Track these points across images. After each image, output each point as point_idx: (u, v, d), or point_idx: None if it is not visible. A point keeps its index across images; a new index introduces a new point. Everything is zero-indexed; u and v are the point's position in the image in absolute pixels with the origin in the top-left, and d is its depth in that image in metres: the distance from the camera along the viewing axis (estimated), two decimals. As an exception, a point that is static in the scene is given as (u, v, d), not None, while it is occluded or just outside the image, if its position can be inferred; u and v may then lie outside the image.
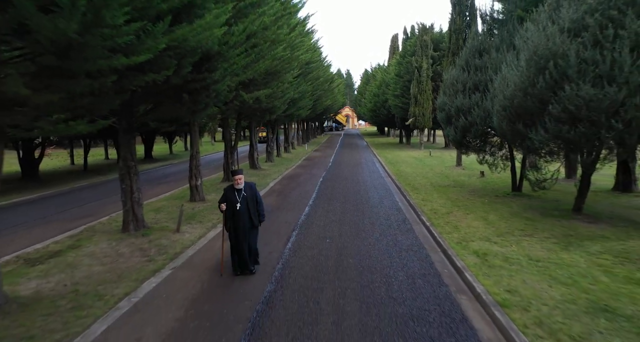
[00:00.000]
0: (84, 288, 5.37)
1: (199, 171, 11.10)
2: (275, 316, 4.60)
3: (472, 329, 4.32)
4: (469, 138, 11.24)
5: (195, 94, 6.78)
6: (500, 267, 5.89)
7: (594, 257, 6.16)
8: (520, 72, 7.80)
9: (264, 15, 7.71)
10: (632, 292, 4.88)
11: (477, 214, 9.18)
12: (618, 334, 3.96)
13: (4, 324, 4.36)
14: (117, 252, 6.85)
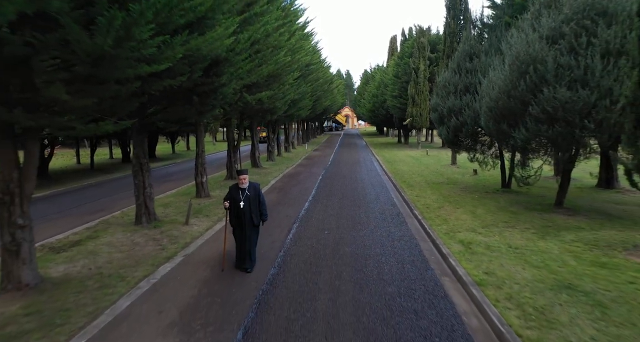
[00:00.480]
0: (106, 271, 6.00)
1: (204, 168, 11.72)
2: (278, 294, 5.21)
3: (451, 303, 4.94)
4: (460, 137, 11.87)
5: (204, 97, 7.41)
6: (481, 254, 6.51)
7: (566, 245, 6.79)
8: (504, 75, 8.42)
9: (267, 23, 8.34)
10: (595, 273, 5.50)
11: (466, 209, 9.80)
12: (575, 306, 4.57)
13: (41, 299, 4.98)
14: (132, 242, 7.48)
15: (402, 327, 4.32)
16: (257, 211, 6.03)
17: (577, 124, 7.22)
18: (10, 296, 4.98)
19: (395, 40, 47.67)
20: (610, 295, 4.83)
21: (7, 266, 5.10)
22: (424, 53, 27.18)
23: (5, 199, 4.99)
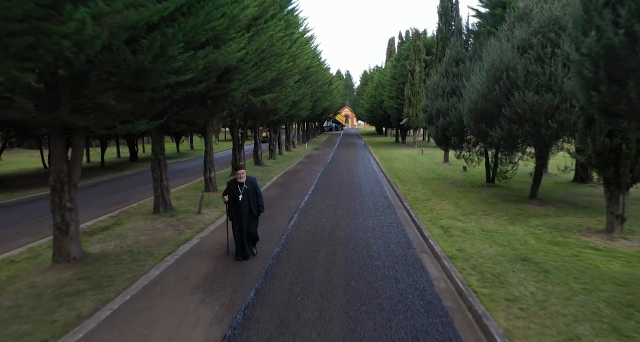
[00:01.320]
0: (136, 249, 7.04)
1: (212, 165, 12.76)
2: (282, 266, 6.25)
3: (425, 272, 5.98)
4: (448, 136, 12.90)
5: (217, 100, 8.44)
6: (457, 236, 7.55)
7: (531, 228, 7.83)
8: (482, 80, 9.45)
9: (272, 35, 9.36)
10: (548, 249, 6.54)
11: (451, 200, 10.84)
12: (524, 272, 5.61)
13: (87, 269, 6.02)
14: (153, 227, 8.52)
15: (383, 288, 5.36)
16: (255, 203, 6.48)
17: (542, 123, 8.26)
18: (62, 266, 6.03)
19: (393, 42, 48.74)
20: (555, 264, 5.87)
21: (58, 242, 6.15)
22: (420, 55, 28.23)
23: (57, 187, 6.03)
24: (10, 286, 5.42)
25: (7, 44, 3.01)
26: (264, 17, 9.16)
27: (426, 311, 4.70)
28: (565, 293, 4.91)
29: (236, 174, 6.47)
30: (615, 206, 6.84)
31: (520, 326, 4.18)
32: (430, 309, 4.75)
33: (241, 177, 6.40)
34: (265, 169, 19.08)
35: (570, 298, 4.77)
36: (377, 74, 45.11)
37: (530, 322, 4.24)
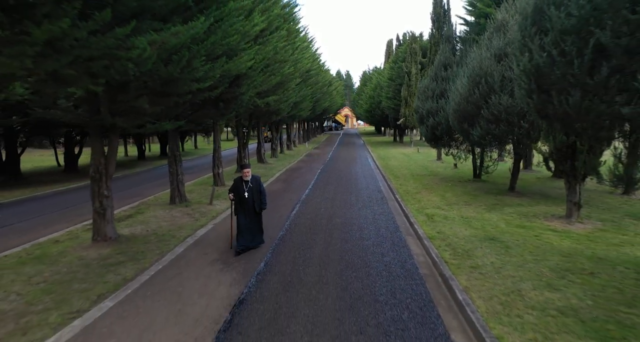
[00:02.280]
0: (159, 232, 8.14)
1: (220, 161, 13.87)
2: (286, 245, 7.34)
3: (408, 249, 7.07)
4: (437, 135, 14.00)
5: (227, 102, 9.52)
6: (439, 222, 8.64)
7: (504, 215, 8.93)
8: (464, 84, 10.54)
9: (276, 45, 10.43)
10: (514, 231, 7.63)
11: (438, 193, 11.93)
12: (490, 248, 6.70)
13: (122, 246, 7.12)
14: (172, 215, 9.62)
15: (371, 261, 6.45)
16: (258, 200, 6.87)
17: (516, 123, 9.35)
18: (101, 244, 7.13)
19: (391, 44, 49.83)
20: (517, 242, 6.96)
21: (96, 224, 7.25)
22: (416, 58, 29.31)
23: (96, 177, 7.13)
24: (63, 258, 6.52)
25: (89, 66, 4.07)
26: (269, 29, 10.24)
27: (405, 276, 5.80)
28: (518, 262, 6.00)
29: (242, 172, 6.84)
30: (573, 195, 7.93)
31: (476, 284, 5.27)
32: (408, 275, 5.84)
33: (247, 176, 6.78)
34: (268, 167, 20.18)
35: (522, 266, 5.86)
36: (376, 75, 46.23)
37: (485, 281, 5.34)
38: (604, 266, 5.76)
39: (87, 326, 4.35)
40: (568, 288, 5.04)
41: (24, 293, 5.16)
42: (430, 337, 4.11)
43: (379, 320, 4.46)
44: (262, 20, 8.20)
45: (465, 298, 4.85)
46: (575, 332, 3.97)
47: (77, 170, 19.29)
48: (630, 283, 5.13)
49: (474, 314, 4.44)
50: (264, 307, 4.80)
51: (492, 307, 4.59)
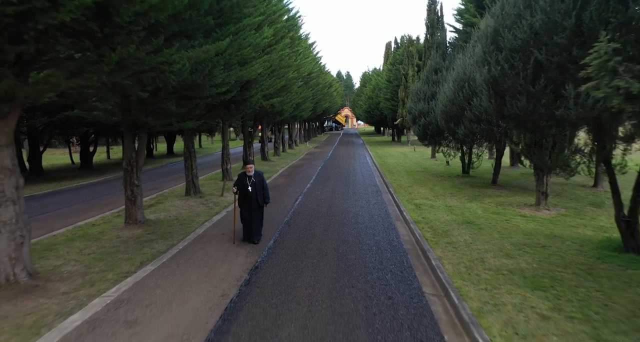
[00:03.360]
0: (180, 218, 9.33)
1: (228, 158, 15.05)
2: (291, 227, 8.51)
3: (396, 231, 8.24)
4: (428, 133, 15.18)
5: (238, 104, 10.70)
6: (425, 210, 9.81)
7: (483, 204, 10.10)
8: (450, 88, 11.71)
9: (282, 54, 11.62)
10: (488, 217, 8.81)
11: (428, 187, 13.11)
12: (465, 229, 7.87)
13: (151, 228, 8.30)
14: (189, 205, 10.81)
15: (363, 238, 7.62)
16: (261, 194, 7.19)
17: (494, 123, 10.52)
18: (133, 226, 8.32)
19: (390, 47, 50.93)
20: (489, 225, 8.14)
21: (128, 209, 8.43)
22: (413, 60, 30.47)
23: (128, 169, 8.32)
24: (103, 237, 7.71)
25: (141, 78, 5.23)
26: (275, 38, 11.41)
27: (391, 250, 6.98)
28: (486, 239, 7.18)
29: (245, 168, 7.22)
30: (541, 185, 9.11)
31: (448, 254, 6.45)
32: (394, 249, 7.02)
33: (250, 171, 7.14)
34: (271, 164, 21.37)
35: (489, 241, 7.04)
36: (375, 77, 47.43)
37: (456, 252, 6.52)
38: (556, 241, 6.94)
39: (137, 282, 5.54)
40: (521, 256, 6.22)
41: (81, 260, 6.34)
42: (406, 289, 5.29)
43: (367, 279, 5.63)
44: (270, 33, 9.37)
45: (437, 264, 6.03)
46: (517, 284, 5.15)
47: (92, 167, 20.48)
48: (572, 253, 6.31)
49: (443, 274, 5.62)
50: (275, 270, 5.98)
51: (458, 270, 5.77)
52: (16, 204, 5.17)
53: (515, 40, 6.03)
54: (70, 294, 5.07)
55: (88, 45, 4.39)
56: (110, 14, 4.06)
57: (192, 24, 5.66)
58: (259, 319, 4.44)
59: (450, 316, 4.60)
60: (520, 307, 4.50)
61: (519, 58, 6.02)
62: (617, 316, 4.23)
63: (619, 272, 5.42)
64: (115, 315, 4.56)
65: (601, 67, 3.83)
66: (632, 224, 5.91)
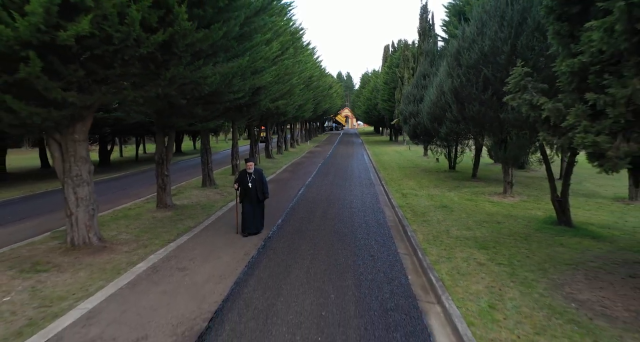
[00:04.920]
0: (201, 203, 10.98)
1: (238, 155, 16.71)
2: (296, 211, 10.15)
3: (383, 213, 9.88)
4: (417, 132, 16.83)
5: (249, 107, 12.35)
6: (409, 197, 11.45)
7: (460, 193, 11.75)
8: (434, 92, 13.35)
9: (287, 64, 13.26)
10: (462, 203, 10.46)
11: (416, 180, 14.76)
12: (439, 211, 9.52)
13: (178, 211, 9.96)
14: (206, 194, 12.47)
15: (355, 218, 9.26)
16: (261, 190, 7.72)
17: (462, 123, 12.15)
18: (163, 210, 9.97)
19: (388, 49, 52.55)
20: (460, 208, 9.79)
21: (159, 195, 10.09)
22: (408, 64, 32.10)
23: (160, 161, 9.98)
24: (141, 217, 9.37)
25: (183, 89, 6.86)
26: (281, 50, 13.05)
27: (377, 226, 8.62)
28: (455, 218, 8.83)
29: (246, 165, 7.75)
30: (507, 176, 10.75)
31: (422, 228, 8.08)
32: (379, 226, 8.66)
33: (250, 168, 7.67)
34: (275, 161, 23.03)
35: (456, 220, 8.69)
36: (373, 78, 49.07)
37: (428, 227, 8.16)
38: (510, 219, 8.59)
39: (179, 246, 7.19)
40: (478, 229, 7.87)
41: (130, 232, 8.00)
42: (385, 250, 6.93)
43: (356, 244, 7.27)
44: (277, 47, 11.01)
45: (412, 234, 7.67)
46: (468, 246, 6.80)
47: (109, 164, 22.15)
48: (519, 227, 7.96)
49: (414, 240, 7.26)
50: (284, 239, 7.63)
51: (427, 238, 7.41)
52: (89, 185, 6.83)
53: (470, 59, 7.66)
54: (132, 252, 6.73)
55: (152, 67, 6.04)
56: (170, 46, 5.70)
57: (221, 48, 7.30)
58: (274, 267, 6.09)
59: (415, 265, 6.26)
60: (466, 259, 6.15)
61: (473, 73, 7.65)
62: (531, 263, 5.88)
63: (547, 238, 7.07)
64: (169, 264, 6.22)
65: (516, 85, 5.48)
66: (564, 203, 7.56)
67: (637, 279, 5.14)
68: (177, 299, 4.97)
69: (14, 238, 7.80)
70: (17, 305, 4.73)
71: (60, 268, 5.92)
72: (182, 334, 4.11)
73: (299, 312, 4.56)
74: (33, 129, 6.06)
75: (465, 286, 5.17)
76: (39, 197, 13.08)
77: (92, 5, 4.37)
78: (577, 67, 4.39)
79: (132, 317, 4.49)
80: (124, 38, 4.95)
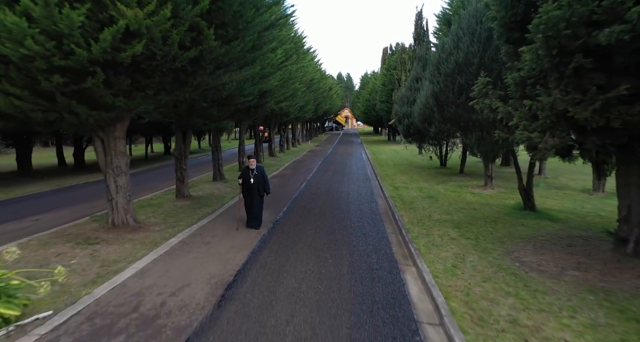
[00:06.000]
0: (214, 195, 12.29)
1: (244, 152, 18.02)
2: (299, 201, 11.45)
3: (376, 202, 11.18)
4: (410, 132, 18.13)
5: (256, 108, 13.67)
6: (400, 190, 12.75)
7: (446, 186, 13.05)
8: (423, 95, 14.65)
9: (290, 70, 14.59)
10: (446, 194, 11.76)
11: (408, 175, 16.07)
12: (426, 201, 10.82)
13: (195, 201, 11.26)
14: (217, 187, 13.77)
15: (351, 206, 10.56)
16: (262, 186, 8.23)
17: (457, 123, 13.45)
18: (182, 199, 11.27)
19: (387, 52, 53.87)
20: (444, 198, 11.09)
21: (178, 187, 11.40)
22: (405, 66, 33.38)
23: (179, 157, 11.28)
24: (164, 205, 10.67)
25: (205, 94, 8.17)
26: (286, 56, 14.36)
27: (370, 212, 9.92)
28: (438, 206, 10.13)
29: (248, 161, 8.36)
30: (487, 171, 12.05)
31: (409, 214, 9.38)
32: (372, 212, 9.96)
33: (252, 165, 8.17)
34: (277, 159, 24.34)
35: (439, 207, 9.99)
36: (372, 80, 50.41)
37: (414, 213, 9.45)
38: (485, 207, 9.89)
39: (201, 226, 8.49)
40: (456, 214, 9.17)
41: (157, 217, 9.31)
42: (375, 230, 8.23)
43: (352, 226, 8.57)
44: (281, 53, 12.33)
45: (399, 218, 8.97)
46: (445, 226, 8.10)
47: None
48: (492, 212, 9.27)
49: (401, 222, 8.56)
50: (290, 222, 8.93)
51: (411, 221, 8.71)
52: (126, 175, 8.14)
53: (448, 69, 8.94)
54: (163, 231, 8.04)
55: (182, 77, 7.35)
56: (199, 60, 7.00)
57: (237, 59, 8.61)
58: (283, 242, 7.39)
59: (399, 240, 7.57)
60: (441, 235, 7.46)
61: (450, 80, 8.93)
62: (493, 238, 7.19)
63: (512, 220, 8.37)
64: (195, 240, 7.53)
65: (479, 92, 6.78)
66: (528, 191, 8.86)
67: (573, 248, 6.45)
68: (206, 262, 6.28)
69: (60, 222, 9.11)
70: (84, 265, 6.04)
71: (108, 242, 7.23)
72: (215, 284, 5.42)
73: (303, 271, 5.87)
74: (85, 128, 7.35)
75: (436, 253, 6.48)
76: (66, 191, 14.39)
77: (145, 32, 5.68)
78: (519, 80, 5.70)
79: (175, 273, 5.80)
80: (164, 55, 6.26)
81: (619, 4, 4.33)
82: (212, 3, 6.29)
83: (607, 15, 4.44)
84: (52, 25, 5.02)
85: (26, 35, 4.93)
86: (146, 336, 4.07)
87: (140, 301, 4.90)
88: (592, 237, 7.02)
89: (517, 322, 4.17)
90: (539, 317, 4.25)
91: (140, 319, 4.43)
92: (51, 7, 4.86)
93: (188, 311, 4.62)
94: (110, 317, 4.47)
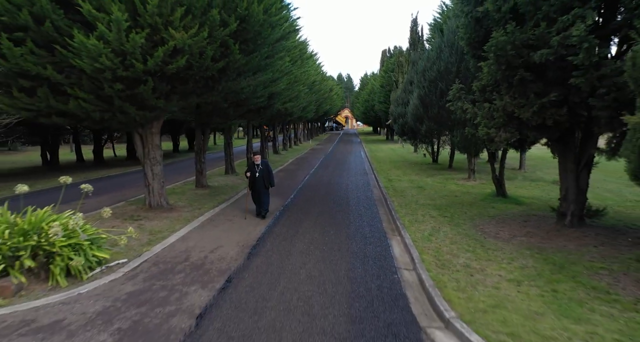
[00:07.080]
0: (228, 185, 13.85)
1: (252, 149, 19.58)
2: (303, 191, 13.00)
3: (371, 192, 12.74)
4: (404, 131, 19.69)
5: (265, 109, 15.23)
6: (394, 181, 14.31)
7: (435, 179, 14.62)
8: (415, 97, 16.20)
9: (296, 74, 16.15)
10: (434, 185, 13.32)
11: (402, 170, 17.63)
12: (415, 190, 12.37)
13: (213, 190, 12.82)
14: (230, 179, 15.32)
15: (349, 195, 12.11)
16: (267, 179, 9.06)
17: (444, 123, 15.01)
18: (201, 189, 12.83)
19: (385, 54, 55.43)
20: (430, 188, 12.65)
21: (198, 178, 12.96)
22: (402, 69, 34.89)
23: (198, 151, 12.83)
24: (186, 193, 12.22)
25: (227, 97, 9.70)
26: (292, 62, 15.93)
27: (365, 199, 11.47)
28: (425, 194, 11.68)
29: (253, 157, 9.22)
30: (470, 164, 13.61)
31: (399, 200, 10.93)
32: (367, 199, 11.51)
33: (257, 160, 9.07)
34: (281, 156, 25.90)
35: (426, 195, 11.54)
36: (371, 81, 51.99)
37: (403, 199, 11.01)
38: (465, 194, 11.45)
39: (222, 209, 10.05)
40: (439, 200, 10.73)
41: (183, 201, 10.86)
42: (369, 212, 9.78)
43: (349, 209, 10.12)
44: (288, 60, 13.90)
45: (390, 203, 10.52)
46: (428, 209, 9.65)
47: (135, 158, 24.98)
48: (470, 199, 10.82)
49: (391, 206, 10.11)
50: (297, 205, 10.48)
51: (400, 204, 10.26)
52: (160, 164, 9.69)
53: (431, 76, 10.48)
54: (191, 212, 9.59)
55: (210, 83, 8.91)
56: (225, 70, 8.56)
57: (253, 67, 10.18)
58: (292, 220, 8.94)
59: (388, 218, 9.13)
60: (423, 215, 9.02)
61: (433, 85, 10.46)
62: (466, 216, 8.75)
63: (485, 204, 9.93)
64: (220, 218, 9.09)
65: (454, 95, 8.34)
66: (500, 180, 10.42)
67: (527, 222, 8.01)
68: (232, 233, 7.84)
69: (102, 205, 10.59)
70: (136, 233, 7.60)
71: (149, 218, 8.79)
72: (242, 246, 6.97)
73: (310, 238, 7.43)
74: (130, 125, 8.90)
75: (417, 227, 8.03)
76: (95, 182, 15.85)
77: (187, 49, 7.23)
78: (480, 87, 7.26)
79: (209, 239, 7.36)
80: (199, 66, 7.82)
81: (546, 34, 5.89)
82: (238, 25, 7.83)
83: (538, 41, 6.00)
84: (121, 45, 6.58)
85: (101, 53, 6.48)
86: (199, 274, 5.62)
87: (188, 255, 6.46)
88: (547, 216, 8.57)
89: (469, 266, 5.73)
90: (485, 263, 5.81)
91: (191, 265, 5.99)
92: (122, 32, 6.42)
93: (225, 261, 6.18)
94: (170, 264, 6.03)
